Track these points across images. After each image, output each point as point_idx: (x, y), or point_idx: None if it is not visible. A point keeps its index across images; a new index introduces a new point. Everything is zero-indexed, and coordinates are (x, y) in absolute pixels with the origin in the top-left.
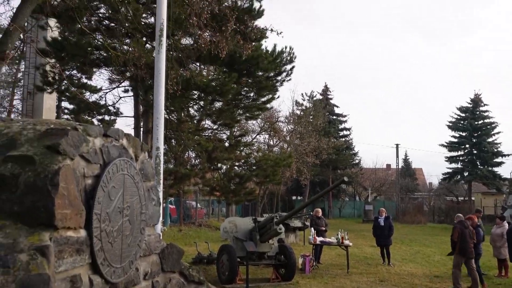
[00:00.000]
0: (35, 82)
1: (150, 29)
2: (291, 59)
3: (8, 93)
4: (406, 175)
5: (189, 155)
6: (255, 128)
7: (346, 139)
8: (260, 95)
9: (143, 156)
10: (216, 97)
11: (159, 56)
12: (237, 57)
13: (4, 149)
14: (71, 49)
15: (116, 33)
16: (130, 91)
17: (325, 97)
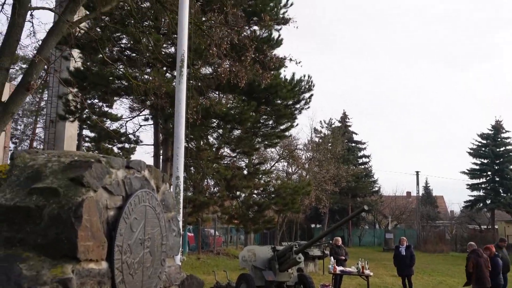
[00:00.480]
0: (57, 111)
1: (170, 58)
2: (309, 87)
3: (31, 122)
4: (427, 203)
5: (208, 183)
6: (273, 156)
7: (365, 166)
8: (279, 123)
9: (164, 187)
10: (235, 125)
11: (180, 86)
12: (256, 85)
13: (29, 181)
14: (93, 79)
15: (137, 63)
16: (150, 120)
17: (344, 124)
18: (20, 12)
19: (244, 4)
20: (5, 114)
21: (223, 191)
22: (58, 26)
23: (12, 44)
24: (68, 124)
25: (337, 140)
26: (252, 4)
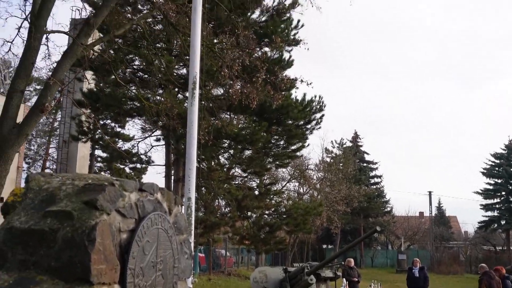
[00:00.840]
0: (70, 132)
1: (182, 79)
2: (320, 108)
3: (44, 142)
4: (440, 223)
5: (219, 204)
6: (285, 176)
7: (377, 186)
8: (290, 143)
9: (177, 210)
10: (246, 146)
11: (192, 108)
12: (267, 106)
13: (44, 204)
14: (106, 100)
15: (150, 84)
16: (162, 140)
17: (355, 144)
18: (36, 36)
19: (255, 26)
20: (20, 136)
21: (234, 211)
22: (73, 49)
23: (27, 66)
24: (80, 145)
25: (348, 160)
26: (263, 26)
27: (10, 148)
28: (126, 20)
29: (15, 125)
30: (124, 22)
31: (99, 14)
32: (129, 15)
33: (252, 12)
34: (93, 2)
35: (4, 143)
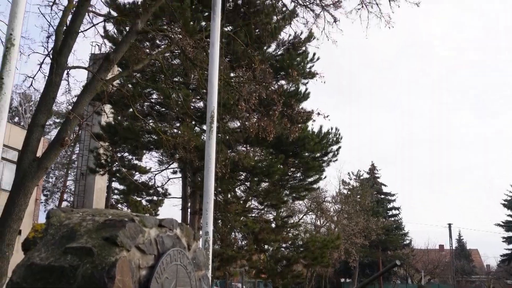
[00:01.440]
0: (88, 164)
1: (199, 112)
2: (337, 140)
3: (62, 174)
4: (461, 257)
5: (235, 237)
6: (302, 209)
7: (396, 218)
8: (307, 176)
9: (195, 245)
10: (263, 178)
11: (210, 141)
12: (284, 138)
13: (64, 240)
14: (124, 133)
15: (167, 117)
16: (179, 173)
17: (372, 176)
18: (58, 72)
19: (272, 60)
20: (39, 169)
21: (251, 244)
22: (93, 84)
23: (48, 101)
24: (98, 177)
25: (366, 192)
26: (279, 59)
27: (29, 181)
28: (144, 55)
29: (35, 158)
30: (143, 57)
31: (119, 50)
32: (147, 50)
33: (268, 46)
34: (113, 38)
35: (24, 177)
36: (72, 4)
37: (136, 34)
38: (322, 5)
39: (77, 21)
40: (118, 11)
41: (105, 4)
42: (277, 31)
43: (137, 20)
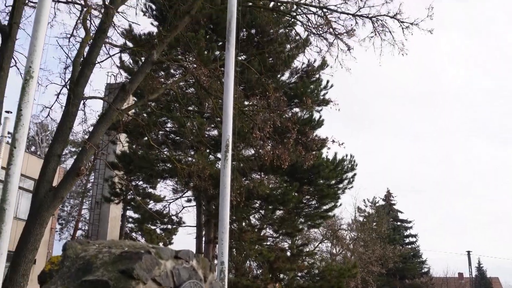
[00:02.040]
0: (103, 193)
1: (213, 141)
2: (352, 167)
3: (77, 203)
4: (481, 285)
5: (250, 265)
6: (317, 237)
7: (413, 246)
8: (322, 203)
9: (212, 277)
10: (278, 206)
11: (225, 170)
12: (299, 166)
13: (80, 272)
14: (139, 162)
15: (182, 146)
16: (193, 201)
17: (388, 202)
18: (74, 102)
19: (285, 87)
20: (56, 199)
21: (266, 273)
22: (108, 114)
23: (65, 131)
24: (112, 206)
25: (382, 219)
26: (293, 87)
27: (45, 211)
28: (159, 85)
29: (51, 188)
30: (158, 87)
31: (135, 80)
32: (162, 79)
33: (282, 74)
34: (128, 68)
35: (40, 206)
36: (90, 36)
37: (152, 64)
38: (335, 34)
39: (94, 53)
40: (133, 42)
41: (121, 35)
42: (291, 59)
43: (153, 51)
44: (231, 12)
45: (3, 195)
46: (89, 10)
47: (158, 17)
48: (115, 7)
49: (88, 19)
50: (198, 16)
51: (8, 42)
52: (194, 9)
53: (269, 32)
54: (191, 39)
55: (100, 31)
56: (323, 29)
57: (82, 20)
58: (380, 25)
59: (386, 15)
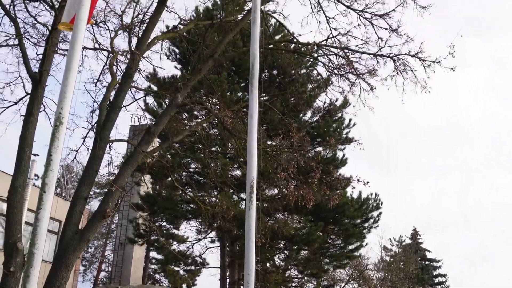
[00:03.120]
0: (127, 234)
1: (237, 181)
2: (377, 206)
3: (101, 244)
4: None
5: None
6: (343, 277)
7: (442, 286)
8: (347, 243)
9: None
10: (303, 246)
11: (250, 212)
12: (323, 205)
13: None
14: (163, 203)
15: (205, 186)
16: (217, 242)
17: (415, 241)
18: (101, 145)
19: (307, 127)
20: (81, 242)
21: None
22: (134, 157)
23: (91, 174)
24: (136, 247)
25: (409, 258)
26: (315, 126)
27: (71, 254)
28: (183, 127)
29: (78, 231)
30: (182, 129)
31: (159, 123)
32: (186, 121)
33: (304, 113)
34: (153, 111)
35: (66, 249)
36: (116, 81)
37: (176, 107)
38: (357, 74)
39: (120, 97)
40: (158, 85)
41: (146, 79)
42: (313, 99)
43: (177, 94)
44: (254, 55)
45: (32, 239)
46: (115, 56)
47: (181, 60)
48: (141, 53)
49: (114, 64)
50: (221, 59)
51: (38, 89)
52: (217, 53)
53: (290, 73)
54: (214, 81)
55: (126, 76)
56: (345, 69)
57: (108, 65)
58: (401, 64)
59: (407, 54)
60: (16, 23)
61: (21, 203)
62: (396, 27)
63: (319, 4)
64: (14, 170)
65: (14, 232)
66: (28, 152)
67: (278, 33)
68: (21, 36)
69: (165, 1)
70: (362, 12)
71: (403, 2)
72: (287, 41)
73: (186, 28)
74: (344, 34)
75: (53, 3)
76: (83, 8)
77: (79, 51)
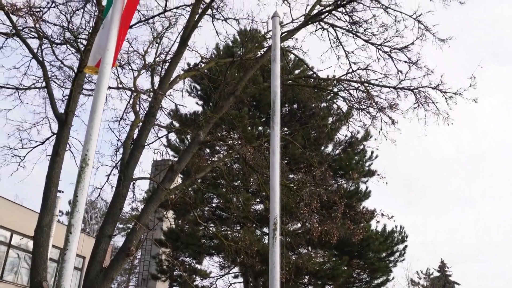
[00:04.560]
0: (149, 270)
1: (259, 215)
2: (403, 239)
3: (124, 280)
4: None
5: None
6: None
7: None
8: (373, 277)
9: None
10: (328, 282)
11: (273, 249)
12: (347, 239)
13: None
14: (186, 239)
15: (228, 221)
16: (240, 277)
17: (443, 274)
18: (125, 184)
19: (329, 160)
20: (106, 280)
21: None
22: (157, 194)
23: (115, 212)
24: (159, 283)
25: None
26: (337, 159)
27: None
28: (206, 163)
29: (102, 269)
30: (204, 165)
31: (182, 160)
32: (207, 156)
33: (325, 146)
34: (175, 147)
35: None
36: (139, 119)
37: (198, 144)
38: (378, 108)
39: (144, 135)
40: (180, 121)
41: (168, 116)
42: (334, 132)
43: (199, 131)
44: (275, 92)
45: (58, 280)
46: (138, 95)
47: (202, 97)
48: (163, 92)
49: (137, 103)
50: (242, 96)
51: (64, 129)
52: (238, 90)
53: (311, 106)
54: (235, 117)
55: (149, 115)
56: (366, 103)
57: (132, 104)
58: (422, 96)
59: (428, 86)
60: (44, 66)
61: (47, 242)
62: (416, 60)
63: (338, 39)
64: (40, 209)
65: (40, 271)
66: (54, 192)
67: (298, 67)
68: (48, 79)
69: (187, 41)
70: (381, 46)
71: (422, 36)
72: (307, 76)
73: (207, 66)
74: (364, 69)
75: (79, 47)
76: (108, 52)
77: (104, 94)
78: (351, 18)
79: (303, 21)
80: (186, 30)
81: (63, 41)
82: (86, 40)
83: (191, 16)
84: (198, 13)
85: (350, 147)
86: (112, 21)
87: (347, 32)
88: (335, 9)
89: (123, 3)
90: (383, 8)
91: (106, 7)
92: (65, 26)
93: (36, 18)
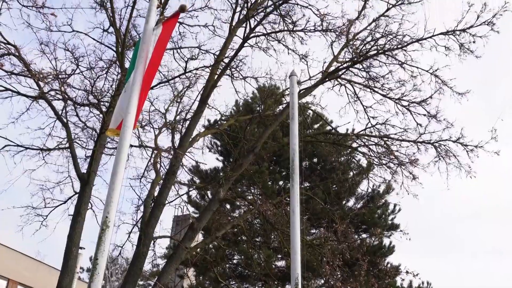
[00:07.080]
0: None
1: (280, 272)
2: None
3: None
4: None
5: None
6: None
7: None
8: None
9: None
10: None
11: None
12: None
13: None
14: None
15: (249, 279)
16: None
17: None
18: (145, 242)
19: (351, 214)
20: None
21: None
22: (178, 253)
23: (136, 272)
24: None
25: None
26: (359, 213)
27: None
28: (226, 220)
29: None
30: (225, 223)
31: (202, 218)
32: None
33: (346, 200)
34: (196, 203)
35: None
36: (160, 177)
37: (218, 202)
38: (398, 163)
39: (164, 194)
40: (200, 178)
41: (188, 173)
42: (354, 186)
43: (219, 189)
44: (293, 150)
45: None
46: (159, 154)
47: (222, 152)
48: (183, 151)
49: (158, 162)
50: (261, 152)
51: (86, 189)
52: (257, 147)
53: (331, 161)
54: (255, 173)
55: (169, 173)
56: (386, 158)
57: (152, 162)
58: (443, 150)
59: (448, 139)
60: (67, 127)
61: None
62: (435, 113)
63: (356, 94)
64: (61, 269)
65: None
66: (75, 252)
67: (317, 122)
68: (72, 140)
69: (206, 100)
70: (398, 100)
71: (439, 89)
72: (326, 132)
73: (227, 124)
74: (383, 123)
75: (101, 109)
76: (130, 115)
77: (125, 157)
78: (368, 74)
79: (321, 78)
80: (206, 89)
81: (86, 103)
82: (108, 102)
83: (211, 76)
84: (217, 74)
85: (372, 201)
86: (134, 84)
87: (364, 87)
88: (352, 66)
89: (145, 66)
90: (399, 64)
91: (129, 70)
92: (89, 89)
93: (61, 82)
